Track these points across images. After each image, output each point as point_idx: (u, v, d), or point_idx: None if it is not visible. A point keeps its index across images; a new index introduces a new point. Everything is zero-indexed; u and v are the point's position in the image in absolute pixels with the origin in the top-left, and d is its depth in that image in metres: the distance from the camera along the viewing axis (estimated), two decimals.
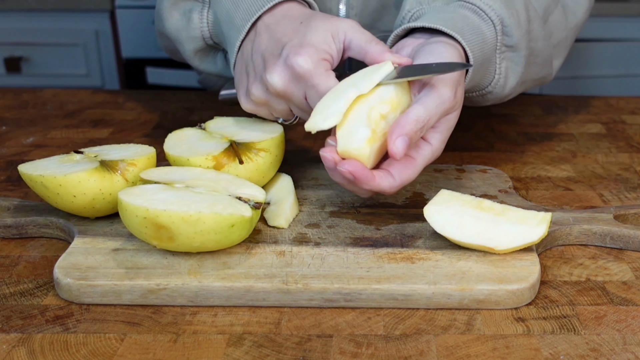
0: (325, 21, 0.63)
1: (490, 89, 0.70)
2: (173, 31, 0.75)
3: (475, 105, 0.75)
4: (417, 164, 0.60)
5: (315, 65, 0.60)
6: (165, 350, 0.50)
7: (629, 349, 0.50)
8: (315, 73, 0.60)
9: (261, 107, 0.66)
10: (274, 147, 0.67)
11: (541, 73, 0.75)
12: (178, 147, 0.66)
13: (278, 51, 0.62)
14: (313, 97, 0.61)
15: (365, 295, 0.54)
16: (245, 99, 0.66)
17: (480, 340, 0.51)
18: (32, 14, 1.93)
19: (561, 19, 0.76)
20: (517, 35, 0.67)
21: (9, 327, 0.52)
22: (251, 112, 0.67)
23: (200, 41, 0.74)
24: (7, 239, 0.65)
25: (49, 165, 0.63)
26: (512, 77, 0.69)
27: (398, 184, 0.59)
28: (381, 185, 0.58)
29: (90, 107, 1.02)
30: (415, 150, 0.60)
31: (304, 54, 0.60)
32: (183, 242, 0.55)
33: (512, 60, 0.68)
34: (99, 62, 1.98)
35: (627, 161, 0.82)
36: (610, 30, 1.87)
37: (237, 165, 0.65)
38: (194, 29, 0.73)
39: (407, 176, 0.59)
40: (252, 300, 0.55)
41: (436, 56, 0.60)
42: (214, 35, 0.73)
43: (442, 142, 0.62)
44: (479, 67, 0.65)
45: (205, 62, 0.78)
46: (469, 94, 0.71)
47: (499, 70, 0.68)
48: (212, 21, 0.72)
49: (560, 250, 0.63)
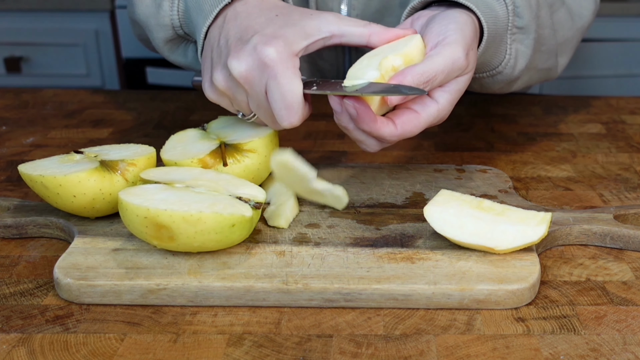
0: (303, 17, 0.62)
1: (501, 69, 0.70)
2: (143, 18, 0.74)
3: (484, 91, 0.75)
4: (422, 118, 0.60)
5: (284, 58, 0.59)
6: (165, 350, 0.50)
7: (629, 349, 0.50)
8: (281, 66, 0.58)
9: (223, 97, 0.64)
10: (263, 148, 0.67)
11: (546, 63, 0.76)
12: (172, 150, 0.66)
13: (247, 37, 0.60)
14: (273, 91, 0.58)
15: (365, 295, 0.54)
16: (208, 86, 0.64)
17: (480, 340, 0.51)
18: (32, 14, 1.93)
19: (567, 19, 0.77)
20: (528, 17, 0.68)
21: (9, 327, 0.52)
22: (214, 101, 0.65)
23: (169, 30, 0.72)
24: (7, 239, 0.65)
25: (49, 165, 0.63)
26: (521, 60, 0.70)
27: (399, 133, 0.59)
28: (381, 130, 0.58)
29: (90, 107, 1.02)
30: (421, 106, 0.60)
31: (274, 45, 0.59)
32: (183, 242, 0.55)
33: (522, 43, 0.70)
34: (99, 62, 1.98)
35: (627, 161, 0.82)
36: (610, 30, 1.87)
37: (222, 167, 0.64)
38: (163, 16, 0.71)
39: (410, 128, 0.59)
40: (252, 300, 0.55)
41: (449, 20, 0.61)
42: (184, 24, 0.72)
43: (449, 102, 0.61)
44: (491, 44, 0.66)
45: (175, 53, 0.76)
46: (479, 74, 0.71)
47: (510, 51, 0.69)
48: (182, 10, 0.71)
49: (560, 250, 0.63)
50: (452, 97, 0.61)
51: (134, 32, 0.85)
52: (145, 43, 0.85)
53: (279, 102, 0.59)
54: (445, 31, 0.60)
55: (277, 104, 0.59)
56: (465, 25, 0.61)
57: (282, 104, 0.59)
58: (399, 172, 0.75)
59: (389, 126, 0.58)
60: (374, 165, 0.77)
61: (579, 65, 1.89)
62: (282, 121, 0.60)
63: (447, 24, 0.61)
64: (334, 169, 0.76)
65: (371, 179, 0.73)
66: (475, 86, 0.74)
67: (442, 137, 0.89)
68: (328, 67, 0.90)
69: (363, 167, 0.76)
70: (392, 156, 0.83)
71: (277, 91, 0.58)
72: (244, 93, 0.62)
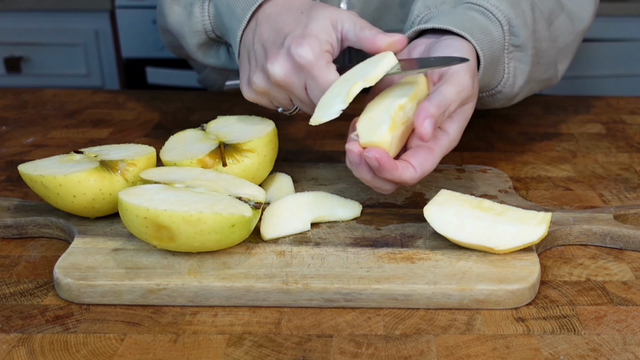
0: (325, 10, 0.64)
1: (500, 89, 0.71)
2: (175, 26, 0.75)
3: (484, 108, 0.76)
4: (436, 154, 0.60)
5: (317, 56, 0.61)
6: (165, 350, 0.50)
7: (629, 349, 0.50)
8: (316, 65, 0.61)
9: (262, 97, 0.67)
10: (262, 148, 0.67)
11: (546, 74, 0.76)
12: (172, 150, 0.67)
13: (280, 41, 0.63)
14: (313, 89, 0.62)
15: (365, 295, 0.54)
16: (247, 88, 0.67)
17: (480, 340, 0.51)
18: (32, 14, 1.93)
19: (567, 24, 0.77)
20: (524, 35, 0.68)
21: (9, 327, 0.52)
22: (253, 101, 0.68)
23: (202, 35, 0.74)
24: (7, 239, 0.65)
25: (49, 165, 0.63)
26: (520, 77, 0.71)
27: (419, 175, 0.59)
28: (403, 176, 0.58)
29: (90, 107, 1.02)
30: (434, 141, 0.61)
31: (305, 45, 0.61)
32: (183, 242, 0.55)
33: (520, 60, 0.70)
34: (99, 62, 1.98)
35: (627, 161, 0.82)
36: (610, 30, 1.87)
37: (222, 167, 0.64)
38: (195, 22, 0.73)
39: (428, 167, 0.60)
40: (252, 300, 0.55)
41: (453, 49, 0.62)
42: (215, 28, 0.74)
43: (458, 131, 0.63)
44: (489, 66, 0.66)
45: (209, 56, 0.78)
46: (480, 94, 0.72)
47: (508, 70, 0.69)
48: (213, 14, 0.73)
49: (560, 250, 0.63)
50: (460, 126, 0.63)
51: (163, 40, 0.86)
52: (175, 50, 0.86)
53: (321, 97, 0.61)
54: None
55: (319, 99, 0.61)
56: (467, 53, 0.62)
57: None
58: None
59: (409, 170, 0.59)
60: None
61: (579, 65, 1.89)
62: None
63: (451, 53, 0.61)
64: (334, 169, 0.76)
65: None
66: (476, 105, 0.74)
67: None
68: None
69: None
70: None
71: (317, 88, 0.61)
72: (284, 93, 0.65)
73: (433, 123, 0.56)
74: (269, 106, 0.68)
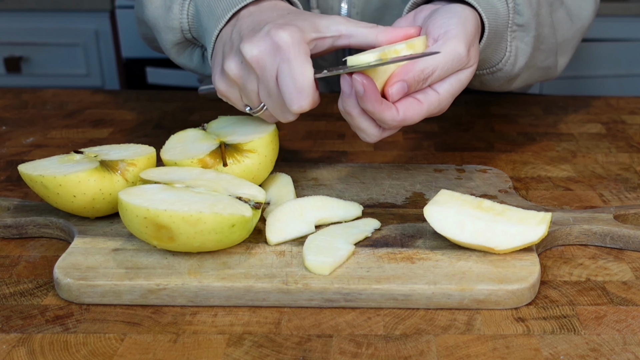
0: (314, 16, 0.64)
1: (501, 66, 0.71)
2: (152, 19, 0.74)
3: (484, 89, 0.76)
4: (423, 106, 0.60)
5: (296, 42, 0.59)
6: (165, 350, 0.50)
7: (629, 349, 0.50)
8: (293, 49, 0.59)
9: (233, 87, 0.64)
10: (263, 148, 0.67)
11: (546, 62, 0.76)
12: (172, 150, 0.66)
13: (259, 27, 0.62)
14: (284, 75, 0.59)
15: (365, 295, 0.54)
16: (219, 78, 0.65)
17: (480, 340, 0.51)
18: (32, 14, 1.93)
19: (565, 19, 0.78)
20: (528, 14, 0.68)
21: (9, 327, 0.52)
22: (223, 95, 0.65)
23: (178, 33, 0.73)
24: (7, 239, 0.65)
25: (49, 165, 0.63)
26: (521, 57, 0.71)
27: (400, 118, 0.59)
28: (384, 112, 0.58)
29: (90, 107, 1.02)
30: (422, 95, 0.61)
31: (286, 30, 0.60)
32: (183, 242, 0.55)
33: (522, 40, 0.70)
34: (99, 62, 1.98)
35: (627, 161, 0.82)
36: (610, 30, 1.87)
37: (222, 167, 0.64)
38: (172, 19, 0.72)
39: (411, 115, 0.60)
40: (252, 300, 0.55)
41: (452, 14, 0.62)
42: (192, 28, 0.73)
43: (449, 93, 0.62)
44: (492, 39, 0.66)
45: (182, 56, 0.77)
46: (480, 71, 0.72)
47: (510, 49, 0.70)
48: (192, 14, 0.72)
49: (560, 250, 0.63)
50: (452, 89, 0.62)
51: (139, 31, 0.85)
52: (149, 42, 0.85)
53: (290, 85, 0.59)
54: (447, 25, 0.61)
55: (288, 87, 0.59)
56: (467, 20, 0.62)
57: (294, 86, 0.59)
58: (399, 172, 0.75)
59: (391, 110, 0.59)
60: (374, 165, 0.77)
61: (579, 65, 1.89)
62: (292, 105, 0.59)
63: (450, 17, 0.61)
64: (334, 169, 0.76)
65: (371, 179, 0.73)
66: (475, 83, 0.74)
67: (442, 137, 0.89)
68: (327, 66, 0.90)
69: (363, 167, 0.76)
70: (392, 156, 0.83)
71: (289, 74, 0.59)
72: (254, 80, 0.62)
73: (404, 88, 0.57)
74: (238, 102, 0.66)
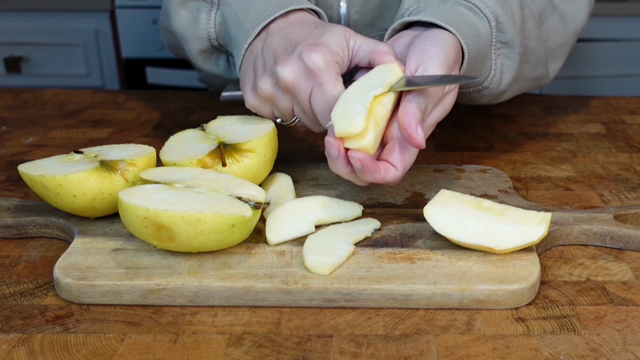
0: (339, 27, 0.65)
1: (487, 85, 0.71)
2: (179, 29, 0.76)
3: (471, 103, 0.76)
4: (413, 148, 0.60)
5: (327, 64, 0.62)
6: (165, 350, 0.50)
7: (629, 349, 0.50)
8: (325, 72, 0.61)
9: (265, 104, 0.66)
10: (262, 147, 0.67)
11: (535, 73, 0.76)
12: (172, 151, 0.67)
13: (292, 48, 0.63)
14: (318, 97, 0.62)
15: (365, 295, 0.54)
16: (251, 94, 0.67)
17: (480, 340, 0.51)
18: (32, 14, 1.93)
19: (559, 25, 0.77)
20: (512, 32, 0.68)
21: (9, 327, 0.52)
22: (254, 108, 0.67)
23: (205, 41, 0.75)
24: (7, 239, 0.65)
25: (49, 165, 0.63)
26: (507, 74, 0.71)
27: (401, 172, 0.60)
28: (386, 178, 0.59)
29: (90, 107, 1.02)
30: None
31: (318, 52, 0.61)
32: (183, 242, 0.55)
33: (507, 57, 0.70)
34: (99, 62, 1.98)
35: (627, 161, 0.82)
36: (610, 30, 1.87)
37: (221, 167, 0.64)
38: (200, 29, 0.74)
39: (408, 161, 0.60)
40: (252, 300, 0.55)
41: (433, 41, 0.62)
42: (219, 37, 0.74)
43: (435, 120, 0.63)
44: (474, 61, 0.66)
45: (209, 63, 0.78)
46: (466, 90, 0.72)
47: (495, 66, 0.70)
48: (219, 23, 0.73)
49: (560, 250, 0.63)
50: (438, 115, 0.63)
51: (163, 40, 0.86)
52: (174, 50, 0.86)
53: (324, 106, 0.61)
54: (428, 52, 0.61)
55: (321, 107, 0.62)
56: (447, 46, 0.62)
57: (327, 107, 0.61)
58: None
59: (391, 171, 0.59)
60: None
61: (579, 65, 1.89)
62: (325, 123, 0.62)
63: (431, 45, 0.61)
64: None
65: None
66: (462, 100, 0.75)
67: (442, 137, 0.89)
68: None
69: None
70: None
71: (322, 97, 0.61)
72: (288, 100, 0.65)
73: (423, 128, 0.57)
74: (269, 116, 0.68)
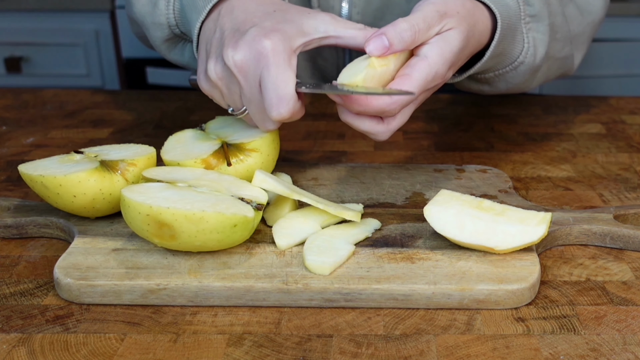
0: (301, 15, 0.62)
1: (522, 59, 0.71)
2: (139, 16, 0.74)
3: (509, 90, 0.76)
4: (414, 78, 0.59)
5: (280, 50, 0.59)
6: (165, 350, 0.50)
7: (629, 349, 0.50)
8: (277, 57, 0.59)
9: (215, 89, 0.64)
10: (265, 147, 0.67)
11: (563, 52, 0.77)
12: (173, 151, 0.66)
13: (244, 29, 0.61)
14: (266, 80, 0.59)
15: (365, 295, 0.54)
16: (203, 77, 0.64)
17: (480, 340, 0.51)
18: (32, 14, 1.93)
19: (576, 14, 0.79)
20: (538, 4, 0.69)
21: (9, 327, 0.52)
22: (208, 93, 0.65)
23: (166, 29, 0.73)
24: (7, 239, 0.65)
25: (49, 165, 0.63)
26: (540, 47, 0.72)
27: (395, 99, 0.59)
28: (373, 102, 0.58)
29: (90, 107, 1.02)
30: (409, 68, 0.60)
31: (272, 37, 0.59)
32: (185, 241, 0.55)
33: (538, 30, 0.71)
34: (99, 62, 1.98)
35: (627, 161, 0.82)
36: (610, 30, 1.87)
37: (226, 167, 0.64)
38: (159, 15, 0.72)
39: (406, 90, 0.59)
40: (252, 300, 0.55)
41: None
42: (180, 23, 0.72)
43: (440, 56, 0.60)
44: (506, 32, 0.67)
45: (173, 52, 0.77)
46: (503, 69, 0.72)
47: (527, 40, 0.70)
48: (178, 9, 0.71)
49: (560, 250, 0.63)
50: (441, 51, 0.60)
51: (132, 30, 0.86)
52: (143, 41, 0.85)
53: (271, 92, 0.59)
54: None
55: (269, 93, 0.59)
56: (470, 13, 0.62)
57: (274, 93, 0.58)
58: (399, 172, 0.75)
59: (381, 97, 0.58)
60: (374, 165, 0.77)
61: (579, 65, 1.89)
62: (272, 111, 0.59)
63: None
64: (334, 169, 0.76)
65: (371, 179, 0.73)
66: (500, 85, 0.74)
67: (442, 137, 0.89)
68: (328, 67, 0.90)
69: (363, 167, 0.76)
70: (392, 156, 0.83)
71: (270, 80, 0.58)
72: (237, 84, 0.62)
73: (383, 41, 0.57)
74: (221, 102, 0.66)
